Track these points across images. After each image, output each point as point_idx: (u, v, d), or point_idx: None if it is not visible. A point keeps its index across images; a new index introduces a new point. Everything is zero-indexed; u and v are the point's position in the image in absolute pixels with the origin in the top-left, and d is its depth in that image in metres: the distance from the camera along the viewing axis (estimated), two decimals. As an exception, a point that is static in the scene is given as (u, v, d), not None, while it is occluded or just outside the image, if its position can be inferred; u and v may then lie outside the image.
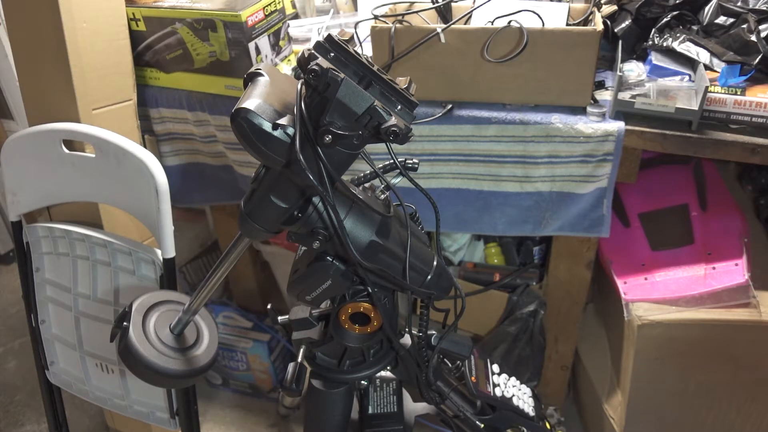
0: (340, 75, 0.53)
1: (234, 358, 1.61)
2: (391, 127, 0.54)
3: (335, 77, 0.53)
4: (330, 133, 0.54)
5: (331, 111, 0.55)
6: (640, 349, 1.16)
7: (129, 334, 0.71)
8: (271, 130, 0.55)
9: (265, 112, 0.55)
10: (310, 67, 0.53)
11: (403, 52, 1.11)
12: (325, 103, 0.55)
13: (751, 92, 1.03)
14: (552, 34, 1.06)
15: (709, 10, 1.16)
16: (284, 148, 0.56)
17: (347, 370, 0.76)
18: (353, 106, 0.54)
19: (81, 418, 1.60)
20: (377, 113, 0.55)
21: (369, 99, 0.55)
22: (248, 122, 0.55)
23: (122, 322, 0.73)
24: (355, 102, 0.54)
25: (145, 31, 1.29)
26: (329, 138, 0.55)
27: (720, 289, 1.12)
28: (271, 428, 1.58)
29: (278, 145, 0.56)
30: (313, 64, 0.53)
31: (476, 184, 1.20)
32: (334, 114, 0.55)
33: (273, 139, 0.55)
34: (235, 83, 1.27)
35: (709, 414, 1.22)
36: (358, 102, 0.55)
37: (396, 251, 0.67)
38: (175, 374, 0.72)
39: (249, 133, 0.55)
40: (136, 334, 0.72)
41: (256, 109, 0.55)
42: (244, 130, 0.55)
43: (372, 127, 0.56)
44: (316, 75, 0.53)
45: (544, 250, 1.46)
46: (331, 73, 0.53)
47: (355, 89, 0.54)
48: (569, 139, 1.10)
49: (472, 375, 0.82)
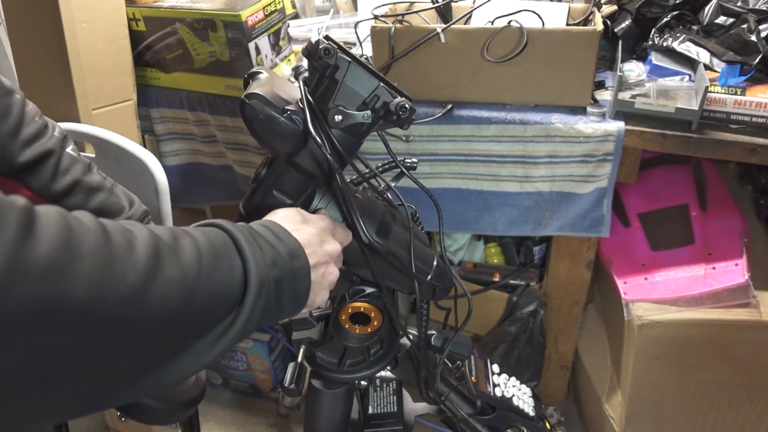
0: (348, 58, 0.55)
1: (234, 358, 1.61)
2: (400, 102, 0.56)
3: (344, 59, 0.55)
4: (340, 113, 0.56)
5: (338, 95, 0.56)
6: (640, 349, 1.16)
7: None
8: (280, 114, 0.56)
9: (274, 98, 0.57)
10: (321, 46, 0.54)
11: (403, 52, 1.11)
12: (331, 88, 0.56)
13: (751, 92, 1.03)
14: (552, 34, 1.06)
15: (709, 10, 1.16)
16: (293, 132, 0.57)
17: (347, 370, 0.76)
18: (360, 89, 0.56)
19: (81, 418, 1.60)
20: (384, 93, 0.57)
21: (375, 81, 0.56)
22: (258, 106, 0.56)
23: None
24: (361, 85, 0.56)
25: (145, 31, 1.29)
26: (340, 117, 0.56)
27: (720, 289, 1.12)
28: (271, 428, 1.58)
29: (287, 129, 0.57)
30: (323, 45, 0.54)
31: (476, 184, 1.20)
32: (341, 99, 0.56)
33: (282, 124, 0.56)
34: (236, 83, 1.27)
35: (709, 414, 1.22)
36: (364, 85, 0.56)
37: (396, 251, 0.67)
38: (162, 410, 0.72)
39: (259, 117, 0.56)
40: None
41: (266, 94, 0.56)
42: (254, 113, 0.56)
43: (379, 108, 0.57)
44: (328, 53, 0.54)
45: (544, 250, 1.46)
46: (341, 54, 0.54)
47: (362, 73, 0.56)
48: (569, 139, 1.10)
49: (472, 375, 0.82)
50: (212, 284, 0.43)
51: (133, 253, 0.38)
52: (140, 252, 0.38)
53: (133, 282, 0.37)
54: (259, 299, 0.46)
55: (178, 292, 0.40)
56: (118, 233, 0.38)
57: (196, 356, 0.43)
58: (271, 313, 0.48)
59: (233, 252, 0.46)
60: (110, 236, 0.37)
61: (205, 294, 0.42)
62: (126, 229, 0.40)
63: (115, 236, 0.38)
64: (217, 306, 0.44)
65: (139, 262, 0.38)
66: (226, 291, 0.44)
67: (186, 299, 0.41)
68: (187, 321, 0.42)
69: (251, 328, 0.47)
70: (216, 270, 0.44)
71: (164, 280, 0.39)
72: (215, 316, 0.44)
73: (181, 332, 0.42)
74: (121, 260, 0.37)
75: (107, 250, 0.36)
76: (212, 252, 0.44)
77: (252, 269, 0.46)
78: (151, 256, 0.39)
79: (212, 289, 0.43)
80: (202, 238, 0.45)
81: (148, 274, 0.38)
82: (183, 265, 0.41)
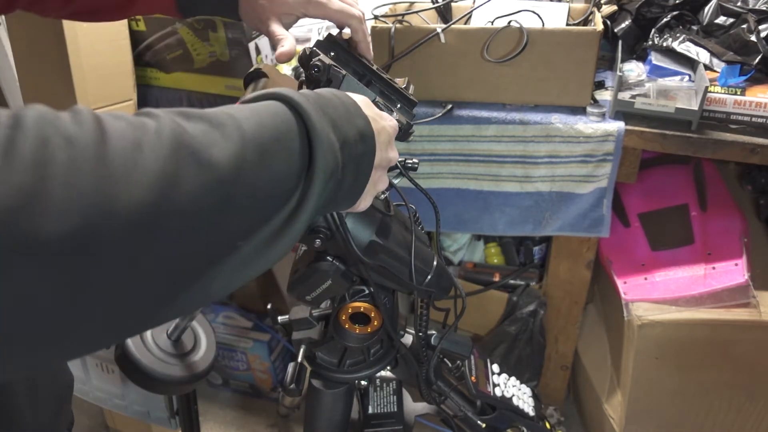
0: (342, 71, 0.54)
1: (234, 358, 1.61)
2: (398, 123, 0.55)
3: (337, 73, 0.54)
4: None
5: None
6: (640, 349, 1.16)
7: (126, 341, 0.71)
8: None
9: None
10: (312, 62, 0.53)
11: (403, 52, 1.11)
12: None
13: (750, 92, 1.03)
14: (552, 34, 1.06)
15: (709, 10, 1.17)
16: None
17: (347, 370, 0.76)
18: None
19: (81, 418, 1.60)
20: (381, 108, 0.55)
21: (370, 95, 0.55)
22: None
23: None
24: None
25: (145, 31, 1.29)
26: None
27: (720, 289, 1.12)
28: (271, 428, 1.58)
29: None
30: (315, 60, 0.53)
31: (476, 184, 1.20)
32: None
33: None
34: (236, 83, 1.27)
35: (709, 414, 1.22)
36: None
37: (396, 251, 0.67)
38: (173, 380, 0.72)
39: None
40: (134, 340, 0.72)
41: None
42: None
43: None
44: (319, 70, 0.53)
45: (544, 250, 1.46)
46: (333, 69, 0.53)
47: (357, 86, 0.55)
48: (569, 139, 1.10)
49: (472, 375, 0.82)
50: (262, 181, 0.35)
51: (139, 163, 0.30)
52: (150, 159, 0.30)
53: (138, 203, 0.29)
54: (324, 191, 0.39)
55: (209, 200, 0.32)
56: (123, 134, 0.30)
57: (249, 259, 0.36)
58: (328, 204, 0.42)
59: (295, 133, 0.38)
60: (107, 142, 0.29)
61: (249, 194, 0.34)
62: (139, 123, 0.32)
63: (114, 141, 0.30)
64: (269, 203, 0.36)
65: (147, 173, 0.30)
66: (283, 184, 0.37)
67: (222, 204, 0.33)
68: (225, 226, 0.34)
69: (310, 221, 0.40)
70: (270, 163, 0.36)
71: (185, 193, 0.31)
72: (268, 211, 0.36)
73: (217, 239, 0.34)
74: (121, 175, 0.29)
75: (98, 163, 0.28)
76: (269, 138, 0.36)
77: (320, 157, 0.38)
78: (168, 163, 0.31)
79: (263, 185, 0.35)
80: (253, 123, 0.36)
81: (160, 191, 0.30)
82: (218, 168, 0.33)
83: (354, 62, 0.59)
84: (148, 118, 0.32)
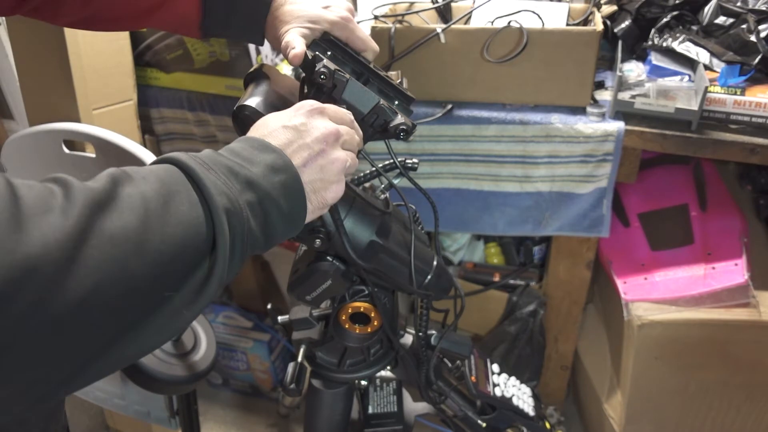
0: (345, 76, 0.54)
1: (234, 358, 1.61)
2: (400, 125, 0.56)
3: (341, 78, 0.54)
4: None
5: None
6: (640, 349, 1.16)
7: None
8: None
9: (267, 109, 0.56)
10: (318, 70, 0.54)
11: (403, 52, 1.11)
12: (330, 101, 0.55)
13: (750, 92, 1.03)
14: (552, 34, 1.06)
15: (708, 10, 1.17)
16: None
17: (347, 370, 0.76)
18: (359, 105, 0.56)
19: (81, 418, 1.60)
20: (383, 112, 0.57)
21: (374, 98, 0.56)
22: (250, 120, 0.55)
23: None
24: (360, 102, 0.56)
25: (145, 31, 1.29)
26: None
27: (720, 289, 1.12)
28: (271, 428, 1.58)
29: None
30: (320, 66, 0.54)
31: (476, 184, 1.20)
32: None
33: None
34: (236, 83, 1.27)
35: (708, 414, 1.22)
36: (363, 101, 0.56)
37: (396, 251, 0.67)
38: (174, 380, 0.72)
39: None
40: None
41: (258, 107, 0.56)
42: (246, 127, 0.55)
43: (378, 125, 0.57)
44: (325, 77, 0.54)
45: (544, 250, 1.46)
46: (338, 74, 0.54)
47: (361, 89, 0.56)
48: (569, 139, 1.10)
49: (472, 375, 0.82)
50: (169, 229, 0.38)
51: (49, 216, 0.33)
52: (57, 213, 0.33)
53: (52, 248, 0.32)
54: (234, 230, 0.41)
55: (119, 251, 0.35)
56: (33, 193, 0.34)
57: (182, 307, 0.39)
58: (257, 240, 0.44)
59: (188, 186, 0.41)
60: (18, 197, 0.33)
61: (161, 243, 0.37)
62: (48, 188, 0.35)
63: (26, 197, 0.33)
64: (184, 251, 0.39)
65: (55, 225, 0.32)
66: (190, 232, 0.39)
67: (135, 254, 0.35)
68: (148, 278, 0.36)
69: (238, 263, 0.42)
70: (170, 213, 0.38)
71: (97, 241, 0.34)
72: (186, 263, 0.39)
73: (147, 291, 0.37)
74: (33, 223, 0.32)
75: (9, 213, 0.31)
76: (163, 193, 0.39)
77: (214, 200, 0.40)
78: (79, 213, 0.34)
79: (171, 234, 0.38)
80: (149, 180, 0.39)
81: (70, 238, 0.33)
82: (123, 218, 0.36)
83: (351, 61, 0.60)
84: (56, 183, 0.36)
